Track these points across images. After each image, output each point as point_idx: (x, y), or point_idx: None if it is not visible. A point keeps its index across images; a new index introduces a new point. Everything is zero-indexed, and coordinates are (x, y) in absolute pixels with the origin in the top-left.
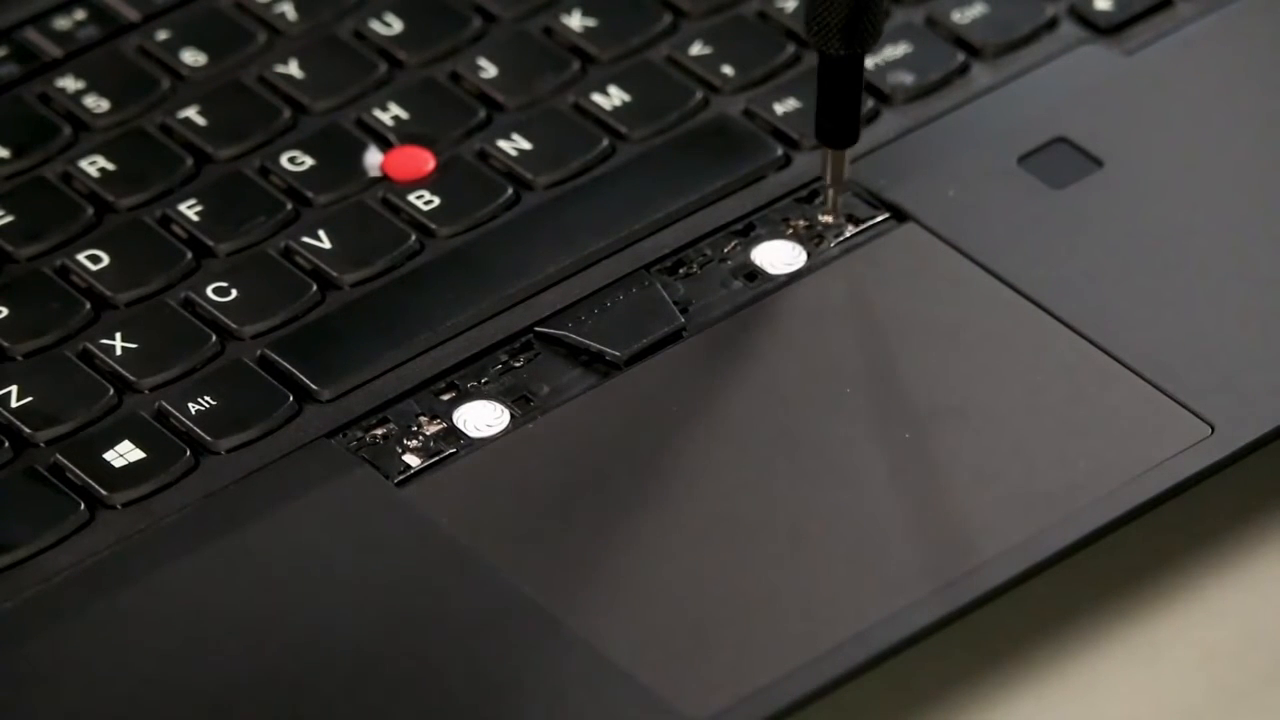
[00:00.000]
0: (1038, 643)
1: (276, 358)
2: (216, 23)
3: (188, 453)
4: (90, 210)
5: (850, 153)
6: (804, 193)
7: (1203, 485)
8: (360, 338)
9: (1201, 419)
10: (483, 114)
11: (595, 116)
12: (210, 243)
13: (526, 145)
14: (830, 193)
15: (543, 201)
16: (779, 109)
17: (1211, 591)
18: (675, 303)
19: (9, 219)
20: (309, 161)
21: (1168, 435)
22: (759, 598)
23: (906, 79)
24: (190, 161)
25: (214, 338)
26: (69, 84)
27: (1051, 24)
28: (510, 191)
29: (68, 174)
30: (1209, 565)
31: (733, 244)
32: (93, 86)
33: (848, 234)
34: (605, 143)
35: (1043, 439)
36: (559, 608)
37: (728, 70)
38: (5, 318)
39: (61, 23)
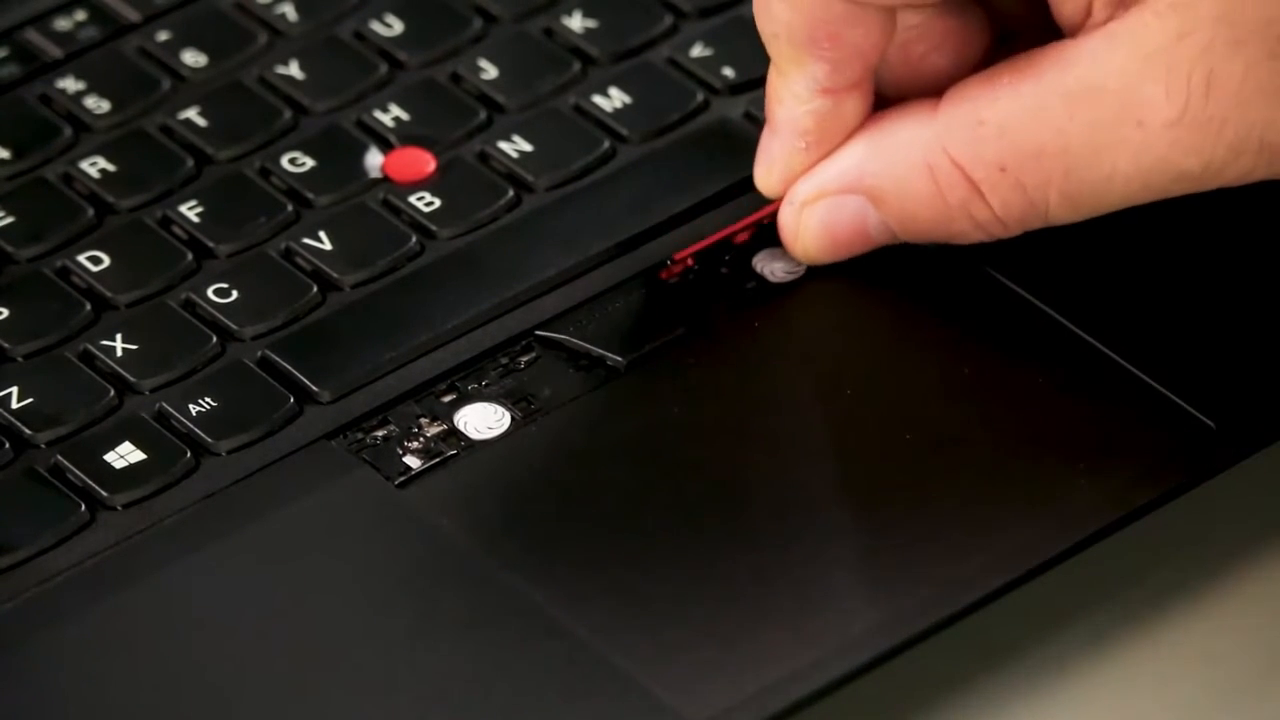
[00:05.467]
0: (1038, 644)
1: (277, 359)
2: (217, 23)
3: (188, 454)
4: (91, 211)
5: None
6: None
7: (1203, 485)
8: (361, 339)
9: (1201, 419)
10: (483, 115)
11: (596, 118)
12: (211, 244)
13: (527, 147)
14: None
15: (543, 203)
16: None
17: (1212, 592)
18: (677, 307)
19: (9, 220)
20: (309, 163)
21: (1168, 435)
22: (759, 598)
23: None
24: (191, 162)
25: (214, 339)
26: (69, 85)
27: None
28: (511, 193)
29: (68, 175)
30: (1209, 565)
31: (734, 250)
32: (93, 87)
33: None
34: (606, 144)
35: (1042, 438)
36: (559, 609)
37: (728, 72)
38: (6, 319)
39: (62, 23)
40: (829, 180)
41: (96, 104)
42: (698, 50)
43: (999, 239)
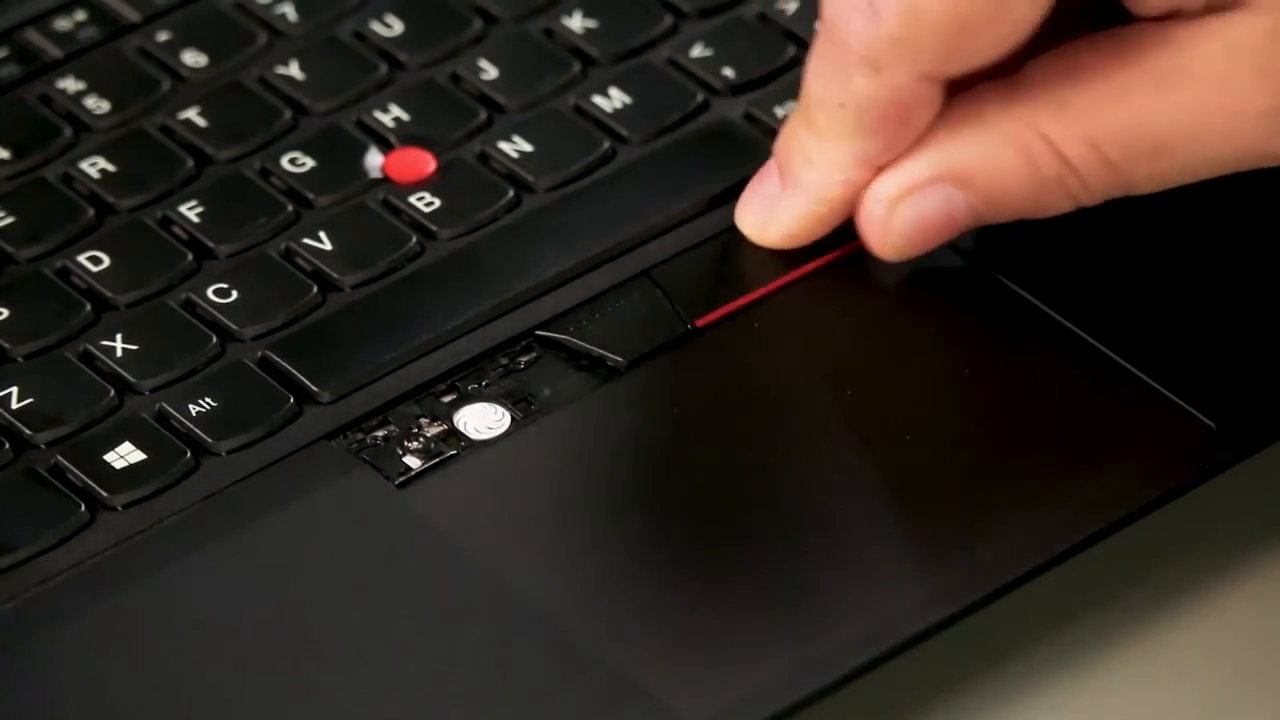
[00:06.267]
0: (1039, 644)
1: (277, 359)
2: (217, 24)
3: (188, 454)
4: (91, 211)
5: None
6: None
7: (1203, 485)
8: (361, 339)
9: (1202, 419)
10: (483, 116)
11: (596, 119)
12: (211, 244)
13: (527, 147)
14: None
15: (543, 204)
16: (780, 112)
17: (1213, 592)
18: (677, 306)
19: (9, 220)
20: (309, 163)
21: (1168, 435)
22: (759, 599)
23: None
24: (191, 163)
25: (214, 339)
26: (69, 85)
27: None
28: (511, 193)
29: (68, 175)
30: (1210, 565)
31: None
32: (93, 87)
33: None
34: (606, 145)
35: (1042, 438)
36: (558, 610)
37: (729, 73)
38: (6, 319)
39: (62, 23)
40: (917, 172)
41: (96, 104)
42: (698, 51)
43: (1082, 206)
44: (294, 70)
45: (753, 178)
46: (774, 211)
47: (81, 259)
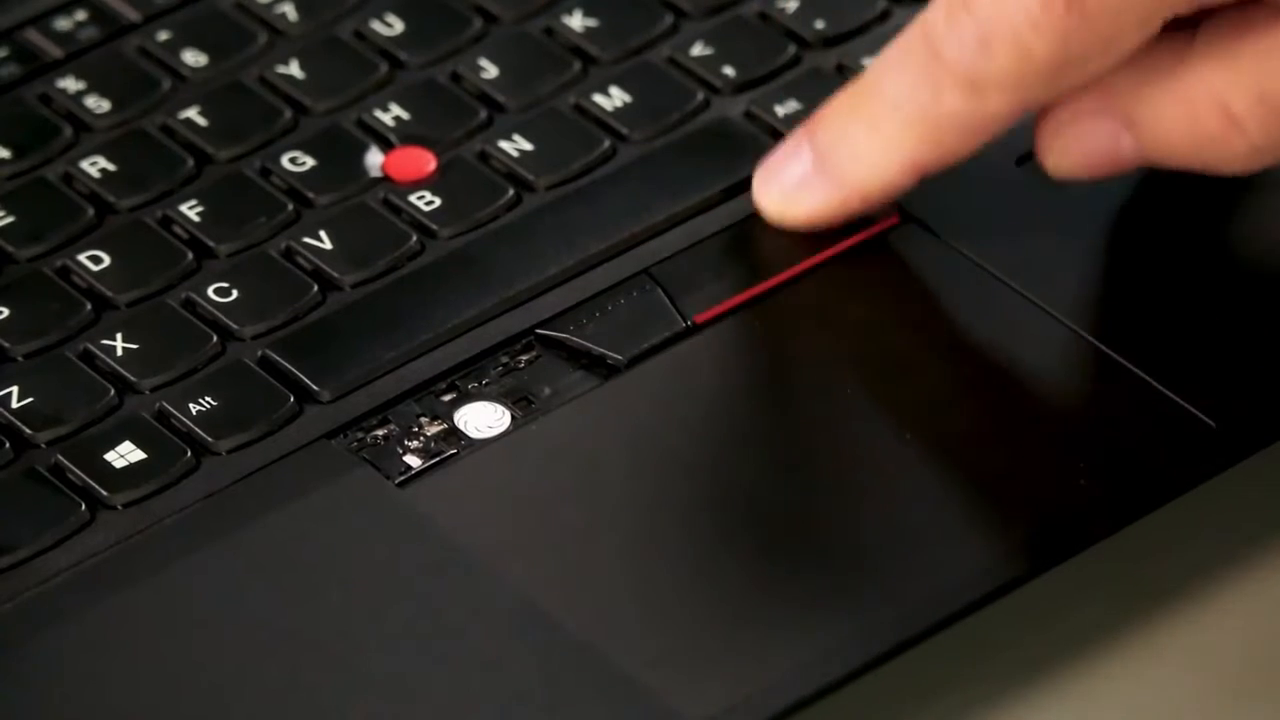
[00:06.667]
0: (1038, 644)
1: (277, 358)
2: (217, 23)
3: (188, 453)
4: (91, 211)
5: None
6: None
7: (1203, 485)
8: (361, 338)
9: (1202, 418)
10: (484, 115)
11: (596, 117)
12: (211, 243)
13: (528, 146)
14: None
15: (544, 203)
16: (780, 111)
17: (1212, 592)
18: (676, 303)
19: (10, 220)
20: (310, 162)
21: (1168, 434)
22: (759, 598)
23: None
24: (191, 162)
25: (215, 338)
26: (70, 84)
27: None
28: (511, 192)
29: (68, 174)
30: (1209, 565)
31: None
32: (93, 87)
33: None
34: (606, 144)
35: (1043, 438)
36: (559, 609)
37: (729, 71)
38: (6, 318)
39: (62, 23)
40: (1084, 102)
41: (97, 104)
42: (698, 49)
43: (1253, 170)
44: (294, 70)
45: (775, 152)
46: (802, 194)
47: (82, 258)
